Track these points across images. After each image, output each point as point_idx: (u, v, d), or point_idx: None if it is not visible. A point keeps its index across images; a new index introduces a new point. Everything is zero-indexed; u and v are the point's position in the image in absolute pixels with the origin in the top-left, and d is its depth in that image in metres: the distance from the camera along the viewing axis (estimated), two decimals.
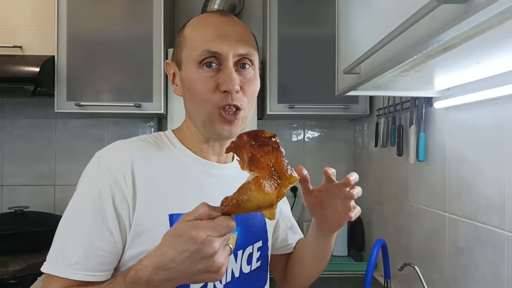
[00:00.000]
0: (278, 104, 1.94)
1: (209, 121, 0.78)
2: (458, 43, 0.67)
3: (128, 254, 0.74)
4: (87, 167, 0.78)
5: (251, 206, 0.58)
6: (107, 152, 0.78)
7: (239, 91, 0.77)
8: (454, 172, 1.25)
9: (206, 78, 0.77)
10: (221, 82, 0.76)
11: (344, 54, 1.12)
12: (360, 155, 2.22)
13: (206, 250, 0.58)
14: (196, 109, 0.80)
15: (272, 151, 0.61)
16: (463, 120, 1.21)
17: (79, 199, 0.75)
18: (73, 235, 0.72)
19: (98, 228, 0.72)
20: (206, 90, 0.77)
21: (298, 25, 1.96)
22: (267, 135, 0.63)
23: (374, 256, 1.13)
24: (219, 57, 0.77)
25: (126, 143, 0.81)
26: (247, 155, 0.61)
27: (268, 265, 0.94)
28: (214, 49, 0.76)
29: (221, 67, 0.77)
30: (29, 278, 1.62)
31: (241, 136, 0.63)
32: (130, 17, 1.89)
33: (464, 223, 1.19)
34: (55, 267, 0.71)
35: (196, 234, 0.57)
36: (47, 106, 2.05)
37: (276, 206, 0.61)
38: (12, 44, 1.86)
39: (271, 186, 0.58)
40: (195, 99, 0.79)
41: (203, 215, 0.59)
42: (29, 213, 1.86)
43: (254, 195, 0.57)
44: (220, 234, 0.59)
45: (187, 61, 0.80)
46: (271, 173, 0.59)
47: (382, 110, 1.78)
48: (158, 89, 1.88)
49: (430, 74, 0.99)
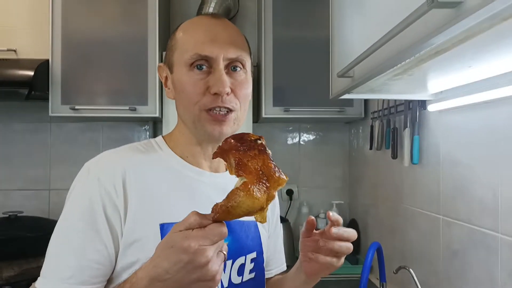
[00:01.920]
0: (274, 107, 1.95)
1: (199, 122, 0.78)
2: (449, 47, 0.68)
3: (120, 264, 0.73)
4: (76, 178, 0.77)
5: (241, 212, 0.58)
6: (97, 163, 0.77)
7: (230, 93, 0.77)
8: (448, 175, 1.25)
9: (196, 80, 0.77)
10: (211, 84, 0.76)
11: (338, 58, 1.12)
12: (355, 158, 2.22)
13: (199, 260, 0.57)
14: (186, 112, 0.80)
15: (259, 154, 0.61)
16: (456, 123, 1.21)
17: (70, 212, 0.74)
18: (66, 248, 0.71)
19: (91, 241, 0.71)
20: (196, 92, 0.76)
21: (293, 28, 1.97)
22: (252, 138, 0.63)
23: (369, 259, 1.13)
24: (209, 60, 0.77)
25: (115, 153, 0.80)
26: (234, 159, 0.61)
27: (264, 279, 0.91)
28: (204, 53, 0.76)
29: (211, 70, 0.77)
30: (24, 284, 1.61)
31: (226, 140, 0.63)
32: (125, 20, 1.89)
33: (458, 225, 1.19)
34: (49, 282, 0.70)
35: (188, 245, 0.57)
36: (41, 110, 2.04)
37: (267, 209, 0.61)
38: (6, 47, 1.85)
39: (260, 190, 0.59)
40: (186, 101, 0.78)
41: (194, 224, 0.59)
42: (23, 218, 1.85)
43: (243, 200, 0.57)
44: (212, 242, 0.58)
45: (178, 64, 0.80)
46: (259, 177, 0.59)
47: (376, 113, 1.79)
48: (153, 93, 1.87)
49: (423, 78, 0.99)
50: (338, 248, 0.77)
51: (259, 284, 0.89)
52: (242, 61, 0.79)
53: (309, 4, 1.96)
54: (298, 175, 2.30)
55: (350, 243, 0.78)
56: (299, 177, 2.30)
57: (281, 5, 1.96)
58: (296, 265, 0.89)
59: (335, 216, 0.77)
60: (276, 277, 0.99)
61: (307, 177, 2.30)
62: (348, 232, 0.77)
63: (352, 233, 0.78)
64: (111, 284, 0.74)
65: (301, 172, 2.30)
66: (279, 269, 1.01)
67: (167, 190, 0.78)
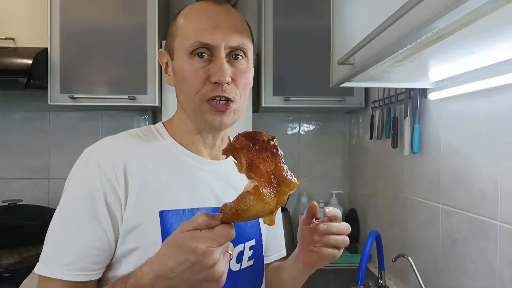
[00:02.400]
0: (274, 97, 1.94)
1: (200, 112, 0.77)
2: (451, 32, 0.67)
3: (119, 251, 0.73)
4: (76, 164, 0.76)
5: (250, 215, 0.58)
6: (97, 149, 0.77)
7: (231, 82, 0.76)
8: (448, 164, 1.25)
9: (197, 68, 0.76)
10: (212, 73, 0.75)
11: (338, 45, 1.11)
12: (355, 148, 2.22)
13: (207, 261, 0.58)
14: (187, 100, 0.79)
15: (271, 157, 0.61)
16: (457, 112, 1.21)
17: (70, 198, 0.74)
18: (66, 235, 0.71)
19: (92, 228, 0.71)
20: (197, 80, 0.75)
21: (293, 16, 1.95)
22: (265, 138, 0.62)
23: (368, 248, 1.14)
24: (211, 48, 0.75)
25: (115, 139, 0.80)
26: (245, 159, 0.60)
27: (263, 266, 0.91)
28: (206, 41, 0.75)
29: (212, 58, 0.76)
30: (23, 272, 1.62)
31: (238, 137, 0.62)
32: (124, 9, 1.87)
33: (458, 214, 1.19)
34: (48, 268, 0.70)
35: (195, 246, 0.57)
36: (40, 99, 2.03)
37: (276, 212, 0.60)
38: (5, 36, 1.84)
39: (270, 194, 0.58)
40: (186, 89, 0.77)
41: (202, 224, 0.59)
42: (23, 206, 1.85)
43: (253, 205, 0.57)
44: (220, 244, 0.58)
45: (179, 51, 0.78)
46: (270, 181, 0.59)
47: (377, 102, 1.78)
48: (152, 82, 1.86)
49: (424, 65, 0.98)
50: (334, 242, 0.77)
51: (258, 271, 0.89)
52: (244, 49, 0.78)
53: None
54: (298, 165, 2.30)
55: (346, 236, 0.79)
56: (299, 167, 2.30)
57: None
58: (294, 254, 0.89)
59: (332, 213, 0.77)
60: (275, 264, 0.99)
61: (307, 167, 2.30)
62: (338, 227, 0.77)
63: (344, 227, 0.78)
64: (110, 270, 0.74)
65: (301, 162, 2.30)
66: (278, 254, 1.01)
67: (167, 177, 0.78)
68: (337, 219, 0.78)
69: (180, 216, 0.76)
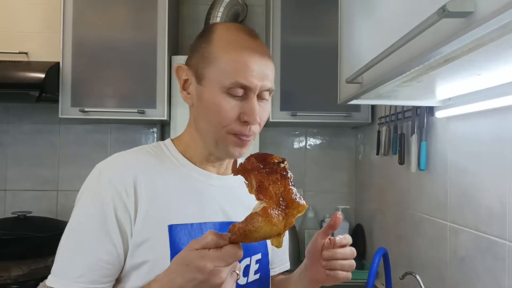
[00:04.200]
0: (281, 112, 1.96)
1: (223, 142, 0.79)
2: (459, 55, 0.68)
3: (129, 264, 0.75)
4: (87, 179, 0.78)
5: (258, 236, 0.59)
6: (108, 164, 0.79)
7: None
8: (455, 181, 1.26)
9: (232, 106, 0.76)
10: (243, 112, 0.76)
11: (346, 64, 1.13)
12: (361, 163, 2.22)
13: (214, 281, 0.59)
14: (211, 130, 0.79)
15: (281, 179, 0.62)
16: (464, 130, 1.22)
17: (81, 212, 0.76)
18: (77, 248, 0.74)
19: (102, 242, 0.73)
20: (230, 117, 0.77)
21: (301, 33, 1.98)
22: (276, 161, 0.63)
23: (375, 265, 1.14)
24: (246, 89, 0.76)
25: (126, 155, 0.82)
26: (255, 181, 0.62)
27: (269, 280, 0.92)
28: (245, 83, 0.75)
29: (244, 97, 0.77)
30: (32, 284, 1.63)
31: (249, 159, 0.64)
32: (135, 24, 1.91)
33: (465, 232, 1.19)
34: (60, 281, 0.72)
35: (203, 265, 0.59)
36: (51, 112, 2.07)
37: (284, 234, 0.62)
38: (18, 50, 1.88)
39: (278, 216, 0.59)
40: (214, 121, 0.78)
41: (211, 244, 0.60)
42: (32, 218, 1.87)
43: (261, 226, 0.58)
44: (227, 263, 0.60)
45: (214, 83, 0.77)
46: (278, 203, 0.60)
47: (384, 119, 1.79)
48: (161, 96, 1.89)
49: (431, 84, 1.00)
50: (340, 267, 0.79)
51: (264, 285, 0.90)
52: (271, 90, 0.80)
53: (317, 10, 1.97)
54: (304, 179, 2.30)
55: (352, 260, 0.80)
56: (305, 181, 2.30)
57: (289, 10, 1.97)
58: (300, 269, 0.90)
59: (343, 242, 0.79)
60: (280, 277, 1.00)
61: (313, 182, 2.31)
62: (342, 253, 0.79)
63: (348, 252, 0.79)
64: (120, 283, 0.76)
65: (307, 176, 2.31)
66: (282, 267, 1.01)
67: (175, 192, 0.80)
68: (346, 246, 0.79)
69: (189, 230, 0.78)
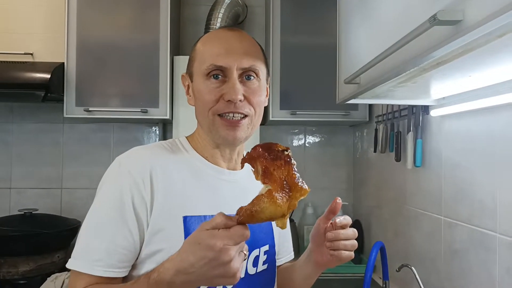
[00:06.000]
0: (280, 111, 2.00)
1: (214, 126, 0.85)
2: (450, 59, 0.73)
3: (145, 252, 0.80)
4: (108, 170, 0.84)
5: (264, 217, 0.64)
6: (128, 157, 0.85)
7: (243, 100, 0.84)
8: (449, 177, 1.31)
9: (212, 88, 0.84)
10: (225, 92, 0.83)
11: (344, 65, 1.18)
12: (359, 160, 2.27)
13: (223, 258, 0.64)
14: (202, 117, 0.87)
15: (284, 165, 0.67)
16: (458, 128, 1.27)
17: (102, 201, 0.81)
18: (96, 234, 0.79)
19: (119, 228, 0.78)
20: (211, 99, 0.84)
21: (300, 33, 2.02)
22: (280, 149, 0.68)
23: (373, 258, 1.18)
24: (224, 70, 0.83)
25: (144, 149, 0.88)
26: (261, 167, 0.67)
27: (276, 269, 0.98)
28: (219, 63, 0.83)
29: (226, 79, 0.84)
30: (39, 279, 1.67)
31: (255, 148, 0.69)
32: (138, 26, 1.95)
33: (459, 226, 1.24)
34: (79, 263, 0.77)
35: (214, 243, 0.63)
36: (55, 111, 2.11)
37: (288, 216, 0.66)
38: (24, 51, 1.91)
39: (282, 198, 0.64)
40: (201, 107, 0.86)
41: (220, 224, 0.65)
42: (38, 215, 1.91)
43: (267, 206, 0.63)
44: (235, 242, 0.64)
45: (197, 74, 0.87)
46: (282, 186, 0.65)
47: (381, 117, 1.84)
48: (164, 95, 1.93)
49: (426, 85, 1.05)
50: (344, 247, 0.84)
51: (272, 274, 0.96)
52: (255, 70, 0.86)
53: (316, 11, 2.01)
54: (303, 176, 2.32)
55: (354, 240, 0.86)
56: (304, 178, 2.31)
57: (289, 11, 2.01)
58: (305, 254, 0.95)
59: (343, 222, 0.84)
60: (285, 265, 1.05)
61: (312, 179, 2.35)
62: (344, 234, 0.84)
63: (350, 232, 0.85)
64: (135, 269, 0.81)
65: (306, 173, 2.35)
66: (287, 257, 1.08)
67: (190, 185, 0.85)
68: (347, 226, 0.84)
69: (202, 222, 0.82)
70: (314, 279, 0.97)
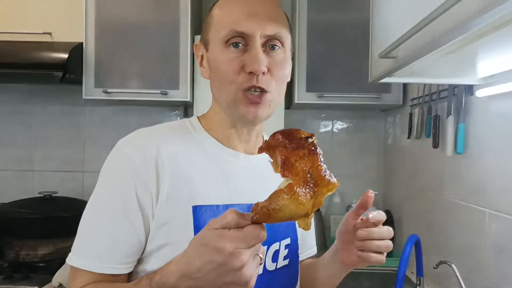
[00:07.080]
0: (307, 93, 1.89)
1: (234, 103, 0.74)
2: (500, 25, 0.60)
3: (150, 246, 0.71)
4: (108, 156, 0.75)
5: (283, 216, 0.53)
6: (129, 141, 0.76)
7: (266, 73, 0.73)
8: (495, 166, 1.17)
9: (231, 58, 0.73)
10: (247, 63, 0.71)
11: (379, 38, 1.05)
12: (391, 147, 2.14)
13: (234, 263, 0.54)
14: (221, 91, 0.76)
15: (308, 155, 0.55)
16: (507, 110, 1.12)
17: (101, 191, 0.73)
18: (96, 228, 0.71)
19: (121, 221, 0.70)
20: (231, 71, 0.72)
21: (329, 10, 1.89)
22: (303, 135, 0.57)
23: (407, 253, 1.08)
24: (246, 37, 0.72)
25: (148, 132, 0.78)
26: (280, 157, 0.56)
27: (298, 266, 0.87)
28: (240, 29, 0.72)
29: (248, 47, 0.72)
30: (58, 262, 1.66)
31: (274, 135, 0.58)
32: (158, 4, 1.87)
33: (507, 220, 1.11)
34: (78, 259, 0.70)
35: (222, 246, 0.53)
36: (75, 93, 2.07)
37: (312, 216, 0.55)
38: (42, 31, 1.87)
39: (305, 194, 0.53)
40: (220, 80, 0.75)
41: (231, 223, 0.55)
42: (57, 198, 1.89)
43: (287, 204, 0.52)
44: (249, 245, 0.54)
45: (214, 42, 0.76)
46: (306, 180, 0.54)
47: (416, 100, 1.70)
48: (184, 77, 1.86)
49: (472, 58, 0.91)
50: (376, 248, 0.74)
51: (293, 271, 0.85)
52: (281, 39, 0.74)
53: None
54: (331, 164, 2.20)
55: (389, 240, 0.74)
56: (332, 166, 2.20)
57: None
58: (331, 251, 0.85)
59: (376, 218, 0.74)
60: (308, 261, 0.95)
61: (340, 166, 2.24)
62: (379, 233, 0.73)
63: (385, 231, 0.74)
64: (140, 264, 0.73)
65: (333, 161, 2.24)
66: (309, 252, 0.97)
67: (201, 172, 0.75)
68: (381, 223, 0.73)
69: (214, 212, 0.73)
70: (340, 279, 0.86)
